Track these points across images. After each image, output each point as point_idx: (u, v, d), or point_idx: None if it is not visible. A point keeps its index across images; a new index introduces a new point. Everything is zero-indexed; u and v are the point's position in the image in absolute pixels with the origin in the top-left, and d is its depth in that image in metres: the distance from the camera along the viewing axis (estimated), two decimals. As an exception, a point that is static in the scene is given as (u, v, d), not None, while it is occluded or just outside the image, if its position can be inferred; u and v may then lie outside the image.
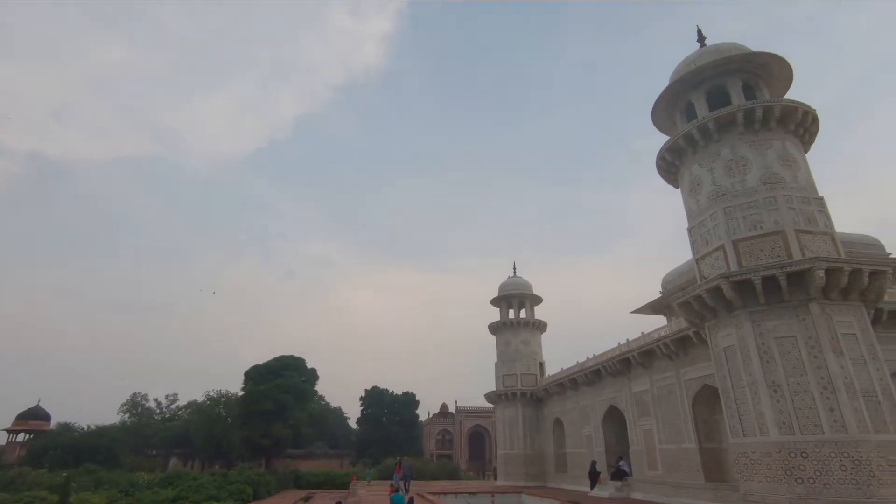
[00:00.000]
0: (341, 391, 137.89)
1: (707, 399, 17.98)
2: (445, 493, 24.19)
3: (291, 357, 45.40)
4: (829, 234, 13.32)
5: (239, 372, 44.97)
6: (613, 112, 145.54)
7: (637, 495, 20.65)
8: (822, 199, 13.84)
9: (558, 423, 30.22)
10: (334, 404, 70.14)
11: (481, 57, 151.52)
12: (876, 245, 18.56)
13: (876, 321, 13.95)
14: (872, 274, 12.36)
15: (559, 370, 30.16)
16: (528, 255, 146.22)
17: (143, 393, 62.59)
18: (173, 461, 52.01)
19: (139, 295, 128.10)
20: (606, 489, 21.84)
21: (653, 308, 25.45)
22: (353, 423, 67.49)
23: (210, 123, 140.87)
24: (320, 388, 51.77)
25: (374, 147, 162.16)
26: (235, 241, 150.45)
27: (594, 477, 23.10)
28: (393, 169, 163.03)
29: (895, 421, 11.36)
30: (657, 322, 24.91)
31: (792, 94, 16.38)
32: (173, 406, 63.87)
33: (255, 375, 42.39)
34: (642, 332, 21.83)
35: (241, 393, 42.45)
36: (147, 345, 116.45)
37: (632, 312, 26.73)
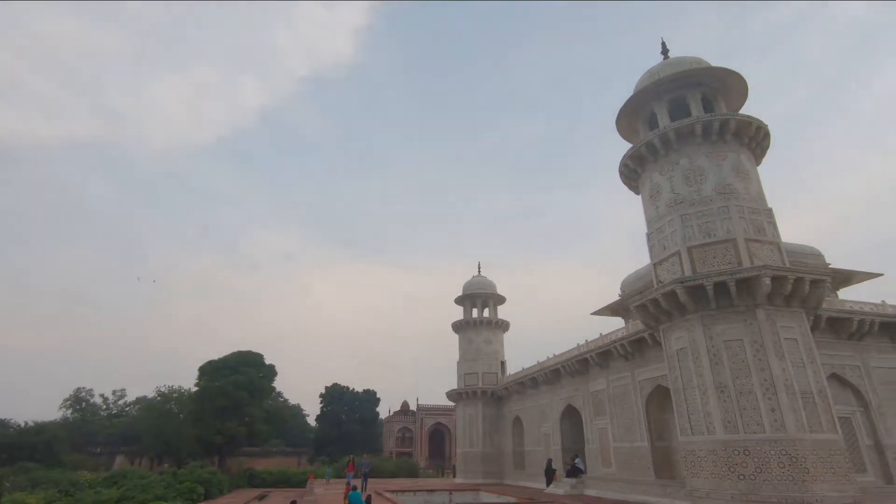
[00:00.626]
0: (301, 388, 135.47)
1: (659, 399, 18.65)
2: (404, 491, 24.11)
3: (249, 352, 44.18)
4: (776, 243, 14.05)
5: (193, 367, 43.52)
6: (581, 117, 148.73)
7: (591, 492, 21.21)
8: (770, 210, 14.58)
9: (517, 421, 30.69)
10: (293, 401, 68.99)
11: (455, 57, 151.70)
12: (817, 255, 19.69)
13: (815, 327, 14.80)
14: (813, 282, 13.13)
15: (520, 369, 30.62)
16: (493, 254, 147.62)
17: (87, 388, 59.60)
18: (119, 459, 49.69)
19: (87, 286, 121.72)
20: (562, 486, 22.34)
21: (612, 310, 26.18)
22: (311, 421, 66.52)
23: (168, 108, 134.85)
24: (279, 384, 50.66)
25: (342, 141, 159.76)
26: (193, 232, 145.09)
27: (550, 474, 23.59)
28: (360, 164, 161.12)
29: (829, 421, 12.12)
30: (616, 324, 25.68)
31: (748, 108, 17.21)
32: (121, 402, 61.16)
33: (211, 371, 41.07)
34: (601, 334, 22.43)
35: (194, 389, 41.04)
36: (95, 338, 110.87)
37: (592, 314, 27.43)
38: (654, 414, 19.07)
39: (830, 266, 19.35)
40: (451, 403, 38.05)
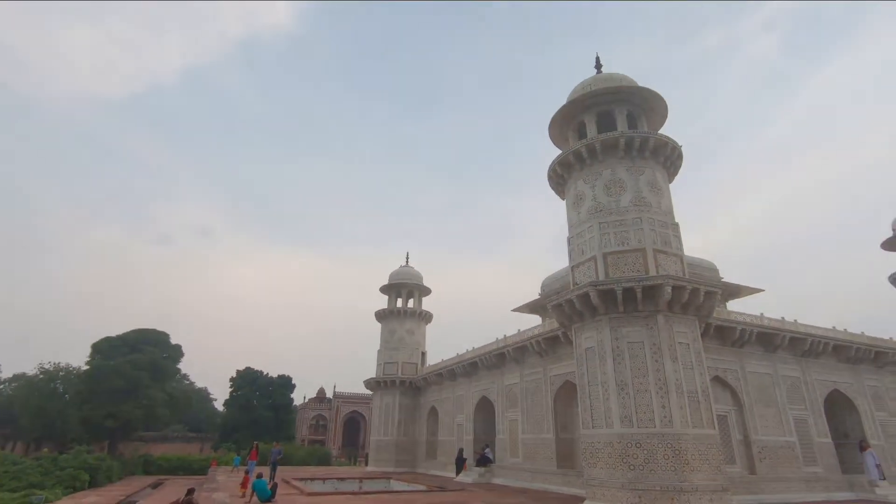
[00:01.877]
0: (210, 371, 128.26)
1: (567, 394, 19.77)
2: (313, 479, 23.68)
3: (153, 331, 41.12)
4: (679, 256, 15.34)
5: (86, 344, 39.68)
6: (519, 120, 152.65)
7: (498, 480, 22.09)
8: (677, 224, 15.87)
9: (433, 411, 31.19)
10: (200, 385, 65.33)
11: (399, 44, 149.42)
12: (713, 269, 21.74)
13: (705, 334, 16.34)
14: (707, 294, 14.47)
15: (440, 360, 31.11)
16: (422, 247, 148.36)
17: (-48, 363, 52.33)
18: (-13, 443, 44.35)
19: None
20: (470, 475, 23.06)
21: (531, 308, 27.26)
22: (220, 406, 63.36)
23: (75, 56, 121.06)
24: (186, 367, 47.83)
25: (272, 115, 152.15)
26: (98, 196, 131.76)
27: (460, 463, 24.24)
28: (291, 142, 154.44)
29: (709, 418, 13.47)
30: (534, 321, 26.76)
31: (667, 128, 18.52)
32: (-6, 379, 54.38)
33: (107, 349, 37.71)
34: (518, 330, 23.33)
35: (85, 367, 37.43)
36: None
37: (512, 311, 28.39)
38: (561, 408, 20.18)
39: (723, 280, 21.44)
40: (369, 392, 37.88)
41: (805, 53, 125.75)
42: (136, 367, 34.74)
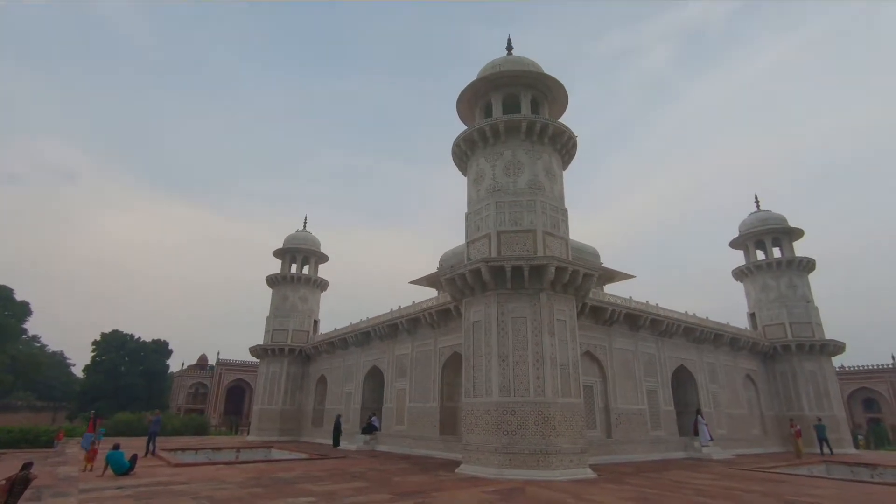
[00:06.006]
0: (70, 334, 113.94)
1: (454, 365, 20.49)
2: (185, 450, 22.22)
3: (-7, 285, 35.32)
4: (565, 239, 16.37)
5: None
6: (429, 94, 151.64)
7: (382, 447, 22.47)
8: (566, 210, 16.88)
9: (322, 380, 30.72)
10: (56, 348, 57.82)
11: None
12: (595, 254, 23.62)
13: (581, 312, 17.79)
14: (585, 276, 15.66)
15: (333, 329, 30.54)
16: (323, 213, 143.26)
17: None
18: None
19: None
20: (355, 442, 23.19)
21: (428, 281, 27.65)
22: (80, 372, 56.76)
23: None
24: (37, 327, 41.92)
25: (161, 52, 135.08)
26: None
27: (338, 431, 24.19)
28: (180, 86, 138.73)
29: (577, 388, 14.77)
30: (432, 294, 27.20)
31: (565, 119, 19.44)
32: None
33: (-73, 303, 31.71)
34: (413, 302, 23.57)
35: None
36: None
37: (409, 283, 28.57)
38: (448, 378, 20.90)
39: (603, 265, 23.41)
40: (257, 360, 36.20)
41: (688, 67, 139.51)
42: (-31, 326, 29.67)
